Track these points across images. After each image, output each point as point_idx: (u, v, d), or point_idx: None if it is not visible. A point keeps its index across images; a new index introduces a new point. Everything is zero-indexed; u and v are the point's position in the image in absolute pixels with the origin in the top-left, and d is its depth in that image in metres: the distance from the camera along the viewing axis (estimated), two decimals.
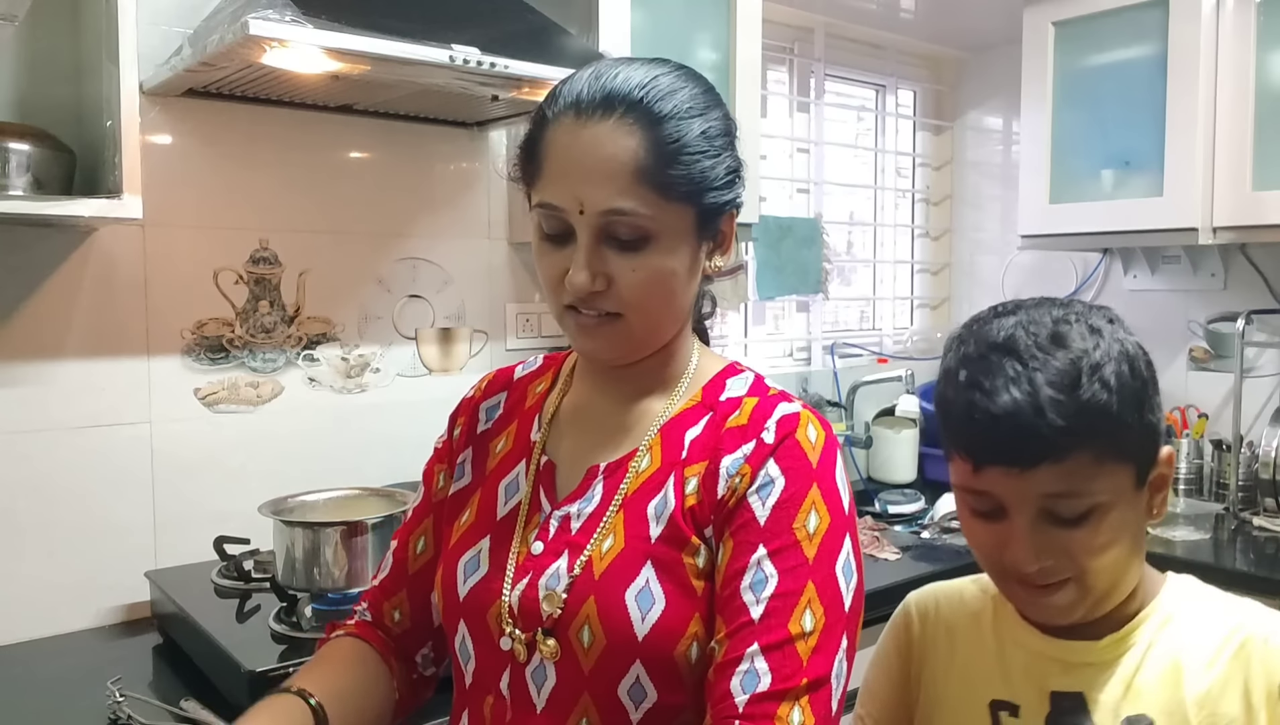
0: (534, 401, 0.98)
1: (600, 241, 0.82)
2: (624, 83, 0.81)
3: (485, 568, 0.88)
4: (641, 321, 0.85)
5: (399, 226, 1.89)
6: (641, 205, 0.80)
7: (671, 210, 0.82)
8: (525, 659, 0.84)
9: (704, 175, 0.83)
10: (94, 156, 1.44)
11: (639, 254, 0.82)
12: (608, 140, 0.80)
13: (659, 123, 0.81)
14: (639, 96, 0.81)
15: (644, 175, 0.80)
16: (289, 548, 1.39)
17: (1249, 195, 2.20)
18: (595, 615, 0.81)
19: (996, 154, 3.04)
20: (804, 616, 0.78)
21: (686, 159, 0.81)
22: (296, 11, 1.30)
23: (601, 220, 0.81)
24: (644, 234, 0.81)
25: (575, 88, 0.82)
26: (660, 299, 0.84)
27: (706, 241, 0.87)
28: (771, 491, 0.80)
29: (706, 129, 0.83)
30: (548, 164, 0.83)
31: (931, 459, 2.72)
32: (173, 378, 1.66)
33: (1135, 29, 2.33)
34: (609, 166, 0.80)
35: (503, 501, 0.92)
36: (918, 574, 1.90)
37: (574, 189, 0.81)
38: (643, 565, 0.82)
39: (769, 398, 0.87)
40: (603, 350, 0.88)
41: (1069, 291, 2.86)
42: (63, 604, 1.56)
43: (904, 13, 2.76)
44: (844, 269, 3.00)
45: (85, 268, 1.57)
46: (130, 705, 1.24)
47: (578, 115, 0.81)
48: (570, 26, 1.71)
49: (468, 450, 0.99)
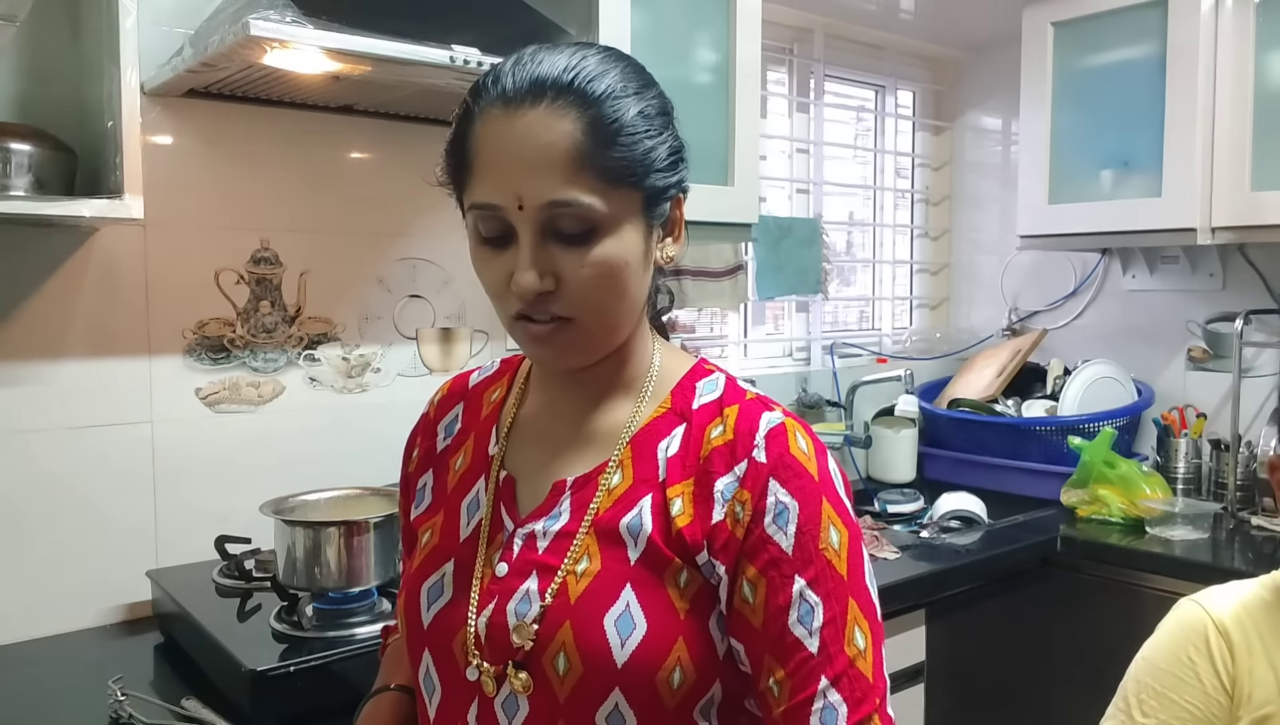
0: (490, 411, 0.93)
1: (544, 238, 0.76)
2: (550, 67, 0.76)
3: (449, 593, 0.84)
4: (596, 322, 0.79)
5: (399, 226, 1.90)
6: (585, 193, 0.75)
7: (617, 197, 0.76)
8: (494, 692, 0.79)
9: (646, 156, 0.78)
10: (95, 157, 1.44)
11: (587, 247, 0.76)
12: (541, 127, 0.74)
13: (593, 104, 0.75)
14: (568, 79, 0.75)
15: (585, 161, 0.74)
16: (290, 547, 1.39)
17: (1247, 195, 2.21)
18: (571, 642, 0.76)
19: (995, 154, 3.04)
20: (856, 636, 0.77)
21: (627, 139, 0.76)
22: (297, 12, 1.30)
23: (544, 214, 0.75)
24: (590, 225, 0.76)
25: (499, 77, 0.77)
26: (613, 295, 0.79)
27: (656, 229, 0.82)
28: (789, 518, 0.77)
29: (643, 108, 0.78)
30: (478, 161, 0.77)
31: (930, 458, 2.72)
32: (174, 377, 1.66)
33: (1134, 29, 2.34)
34: (546, 155, 0.74)
35: (465, 522, 0.87)
36: (917, 573, 1.90)
37: (511, 184, 0.75)
38: (622, 588, 0.77)
39: (747, 404, 0.82)
40: (559, 358, 0.82)
41: (1067, 292, 2.87)
42: (64, 603, 1.56)
43: (903, 13, 2.76)
44: (844, 269, 3.01)
45: (86, 268, 1.57)
46: (131, 704, 1.24)
47: (505, 105, 0.75)
48: (570, 27, 1.71)
49: (427, 473, 0.94)
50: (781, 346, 2.79)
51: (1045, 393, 2.71)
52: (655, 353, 0.88)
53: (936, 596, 1.92)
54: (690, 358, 0.90)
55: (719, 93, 1.96)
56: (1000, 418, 2.59)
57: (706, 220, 1.97)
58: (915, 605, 1.88)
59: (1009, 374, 2.71)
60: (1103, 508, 2.26)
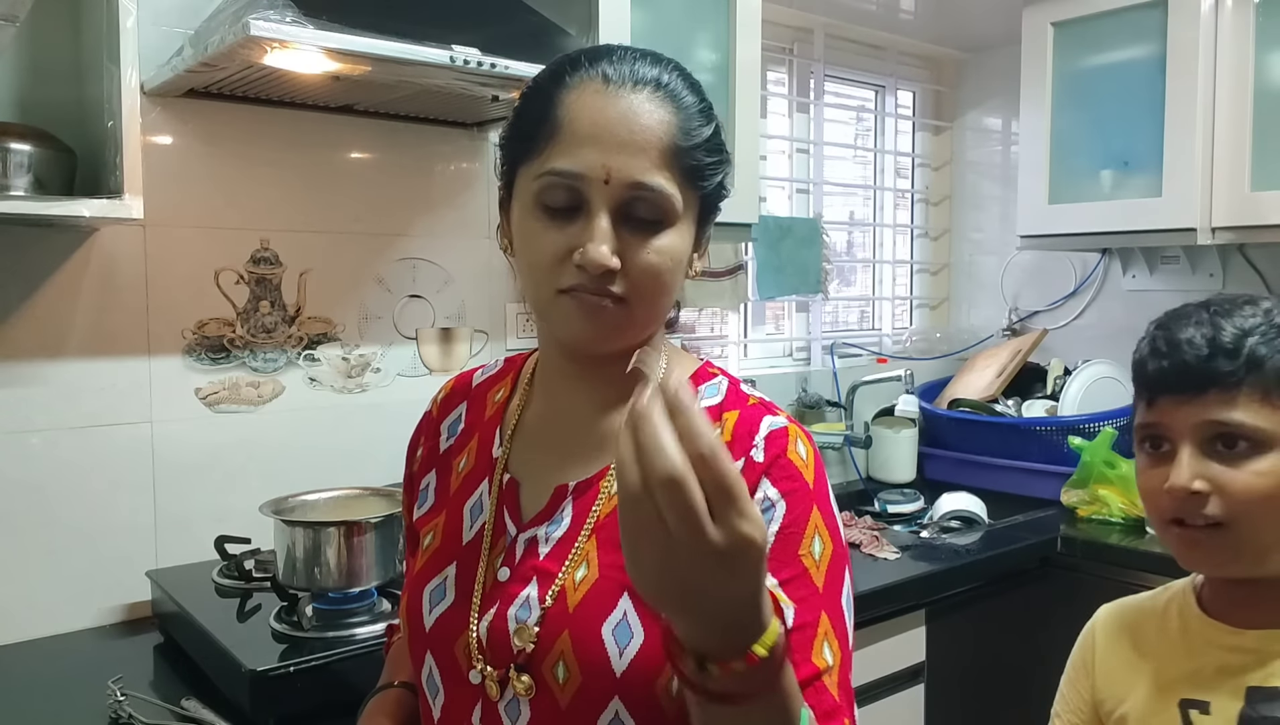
0: (494, 411, 0.93)
1: (616, 219, 0.77)
2: (650, 66, 0.79)
3: (451, 596, 0.84)
4: (643, 309, 0.80)
5: (399, 226, 1.90)
6: (668, 183, 0.77)
7: (688, 196, 0.80)
8: (498, 695, 0.79)
9: (714, 171, 0.81)
10: (95, 157, 1.44)
11: (653, 235, 0.78)
12: (644, 111, 0.77)
13: (685, 108, 0.79)
14: (666, 80, 0.79)
15: (676, 152, 0.77)
16: (290, 547, 1.39)
17: (1247, 195, 2.20)
18: (570, 651, 0.76)
19: (996, 154, 3.04)
20: (824, 650, 0.75)
21: (704, 145, 0.80)
22: (297, 12, 1.30)
23: (627, 193, 0.76)
24: (662, 215, 0.78)
25: (597, 58, 0.79)
26: (663, 286, 0.80)
27: (700, 236, 0.85)
28: (774, 517, 0.77)
29: (718, 122, 0.83)
30: (569, 128, 0.77)
31: (931, 458, 2.72)
32: (174, 377, 1.66)
33: (1134, 29, 2.34)
34: (645, 137, 0.76)
35: (468, 524, 0.87)
36: (917, 573, 1.90)
37: (603, 156, 0.75)
38: (619, 596, 0.77)
39: (750, 408, 0.83)
40: (601, 336, 0.80)
41: (1068, 292, 2.87)
42: (64, 603, 1.56)
43: (904, 13, 2.76)
44: (844, 269, 3.01)
45: (86, 268, 1.57)
46: (131, 704, 1.24)
47: (606, 82, 0.77)
48: (570, 27, 1.72)
49: (430, 473, 0.95)
50: (781, 346, 2.79)
51: (1045, 393, 2.71)
52: (664, 357, 0.88)
53: (936, 596, 1.92)
54: (695, 361, 0.90)
55: (719, 93, 1.96)
56: (1000, 418, 2.59)
57: None
58: (915, 605, 1.88)
59: (1009, 374, 2.71)
60: (1103, 508, 2.25)
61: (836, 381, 2.71)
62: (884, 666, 1.84)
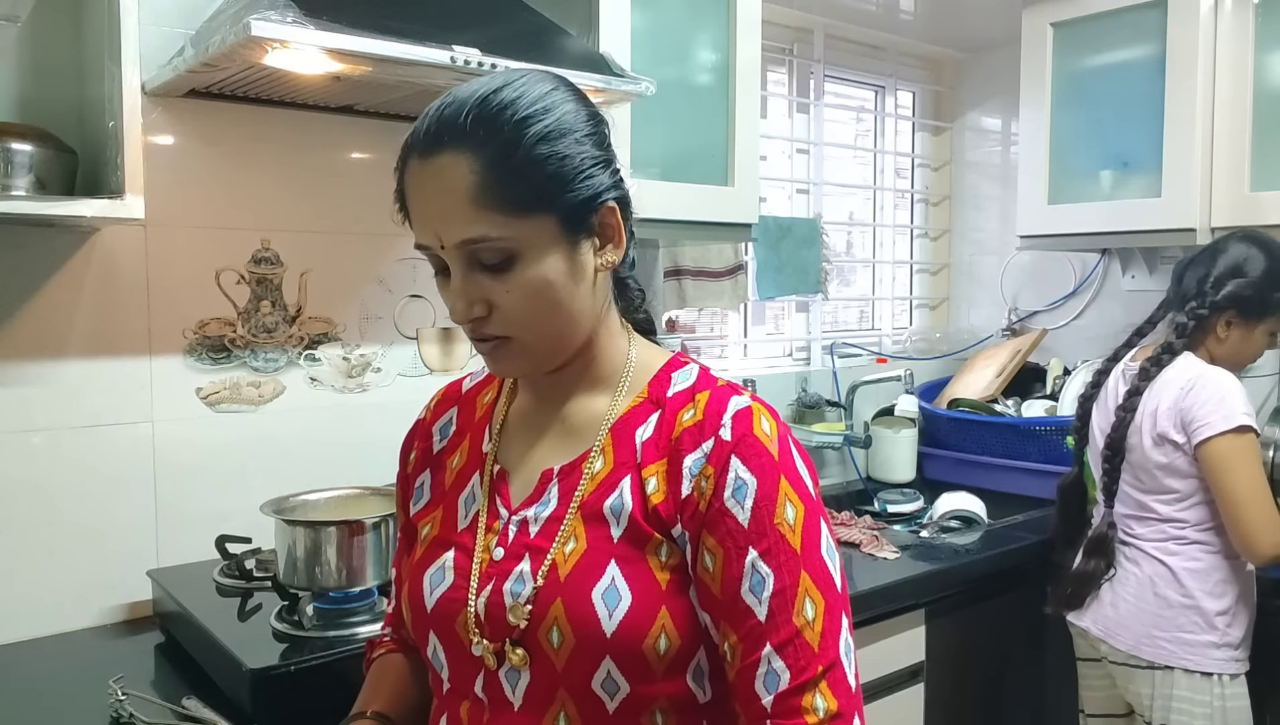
0: (483, 413, 0.99)
1: (470, 269, 0.83)
2: (455, 111, 0.82)
3: (450, 578, 0.89)
4: (533, 336, 0.85)
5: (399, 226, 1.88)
6: (491, 228, 0.80)
7: (527, 223, 0.81)
8: (496, 665, 0.86)
9: (553, 179, 0.82)
10: (96, 157, 1.44)
11: (508, 274, 0.82)
12: (443, 174, 0.81)
13: (489, 142, 0.80)
14: (464, 122, 0.81)
15: (483, 199, 0.80)
16: (290, 547, 1.39)
17: (1247, 196, 2.21)
18: (563, 616, 0.82)
19: (995, 155, 3.04)
20: (805, 606, 0.81)
21: (527, 170, 0.81)
22: (298, 12, 1.30)
23: (462, 251, 0.82)
24: (507, 254, 0.81)
25: (417, 128, 0.84)
26: (544, 311, 0.84)
27: (589, 241, 0.85)
28: (746, 493, 0.82)
29: (547, 132, 0.81)
30: (410, 209, 0.86)
31: (930, 458, 2.73)
32: (174, 377, 1.66)
33: (1134, 30, 2.34)
34: (448, 200, 0.81)
35: (462, 513, 0.93)
36: (916, 573, 1.90)
37: (430, 227, 0.83)
38: (607, 564, 0.83)
39: (718, 390, 0.88)
40: (507, 370, 0.91)
41: (1067, 292, 2.87)
42: (65, 603, 1.57)
43: (903, 14, 2.77)
44: (843, 269, 3.01)
45: (87, 268, 1.57)
46: (132, 704, 1.25)
47: (419, 156, 0.83)
48: (570, 27, 1.72)
49: (425, 472, 1.00)
50: (781, 346, 2.80)
51: (1045, 393, 2.72)
52: (631, 348, 0.93)
53: (936, 596, 1.93)
54: (667, 352, 0.95)
55: (719, 93, 1.96)
56: (1000, 418, 2.60)
57: (706, 220, 1.97)
58: (915, 605, 1.89)
59: (1009, 374, 2.72)
60: None
61: (836, 381, 2.71)
62: (884, 666, 1.84)
